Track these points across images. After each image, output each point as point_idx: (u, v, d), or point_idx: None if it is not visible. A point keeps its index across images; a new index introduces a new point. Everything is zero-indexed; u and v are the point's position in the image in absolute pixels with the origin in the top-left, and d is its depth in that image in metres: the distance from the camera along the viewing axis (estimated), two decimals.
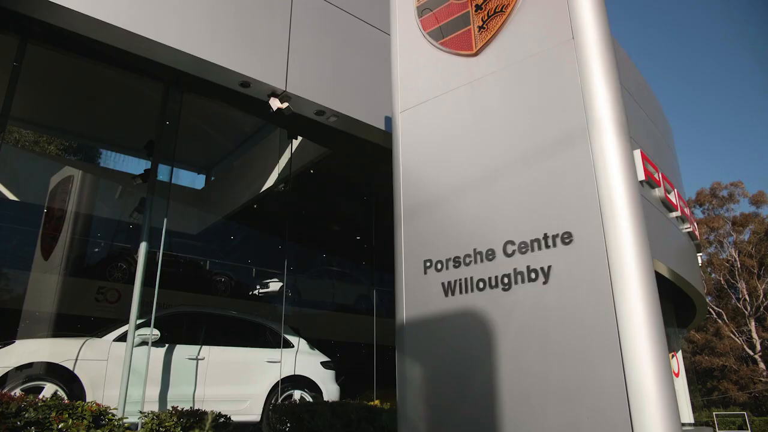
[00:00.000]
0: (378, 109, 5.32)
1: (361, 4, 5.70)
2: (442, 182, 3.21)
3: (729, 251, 27.73)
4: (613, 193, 2.58)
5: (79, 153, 10.90)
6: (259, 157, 8.91)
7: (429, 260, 3.13)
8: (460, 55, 3.31)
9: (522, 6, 3.11)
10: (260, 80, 4.59)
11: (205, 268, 10.96)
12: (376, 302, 10.01)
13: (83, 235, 8.81)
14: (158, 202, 5.64)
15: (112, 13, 3.93)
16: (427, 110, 3.41)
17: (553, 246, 2.69)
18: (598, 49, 2.82)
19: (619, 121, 2.74)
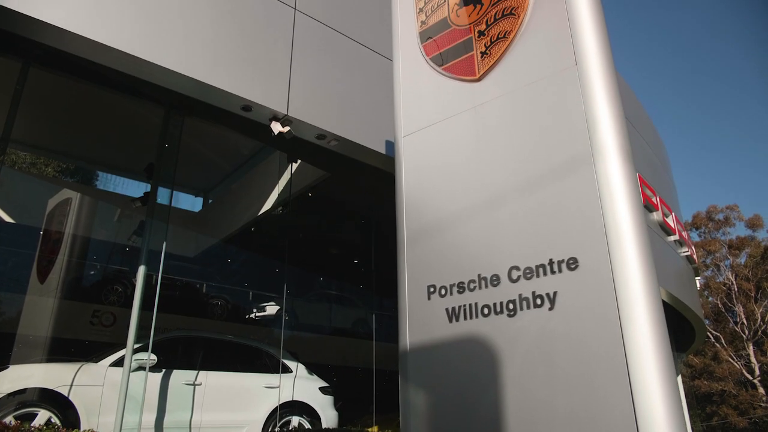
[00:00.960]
0: (379, 133, 5.34)
1: (363, 29, 5.76)
2: (445, 207, 3.20)
3: (726, 275, 27.72)
4: (619, 219, 2.57)
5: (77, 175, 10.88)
6: (257, 180, 8.91)
7: (433, 285, 3.10)
8: (463, 80, 3.33)
9: (525, 32, 3.13)
10: (262, 104, 4.60)
11: (202, 291, 10.88)
12: (375, 326, 9.93)
13: (80, 257, 8.75)
14: (157, 225, 5.61)
15: (116, 37, 3.95)
16: (430, 135, 3.41)
17: (558, 272, 2.67)
18: (601, 74, 2.84)
19: (623, 147, 2.74)
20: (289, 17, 5.14)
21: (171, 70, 4.18)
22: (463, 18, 3.44)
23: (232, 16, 4.77)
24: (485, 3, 3.35)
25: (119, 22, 4.02)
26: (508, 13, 3.22)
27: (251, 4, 4.95)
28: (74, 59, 4.18)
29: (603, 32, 2.97)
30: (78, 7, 3.89)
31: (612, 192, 2.62)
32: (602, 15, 3.01)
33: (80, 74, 5.51)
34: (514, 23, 3.17)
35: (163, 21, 4.30)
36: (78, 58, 4.16)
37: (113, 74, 4.41)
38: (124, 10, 4.10)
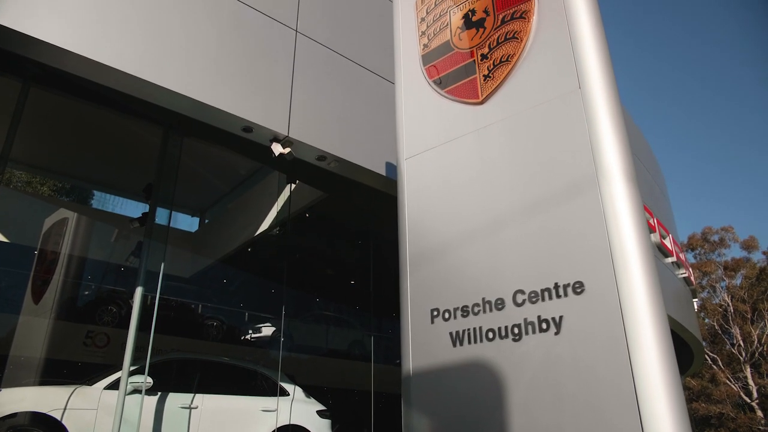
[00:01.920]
0: (379, 155, 5.35)
1: (364, 51, 5.80)
2: (448, 230, 3.18)
3: (722, 296, 27.73)
4: (625, 242, 2.55)
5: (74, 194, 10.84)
6: (254, 200, 8.89)
7: (436, 309, 3.06)
8: (465, 103, 3.34)
9: (528, 56, 3.15)
10: (263, 125, 4.60)
11: (197, 312, 10.79)
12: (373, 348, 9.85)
13: (76, 278, 8.68)
14: (155, 246, 5.56)
15: (118, 58, 3.95)
16: (433, 157, 3.41)
17: (564, 296, 2.64)
18: (604, 98, 2.85)
19: (628, 170, 2.74)
20: (291, 39, 5.17)
21: (172, 91, 4.18)
22: (466, 41, 3.46)
23: (233, 37, 4.79)
24: (488, 27, 3.37)
25: (121, 43, 4.03)
26: (511, 37, 3.24)
27: (253, 25, 4.98)
28: (75, 79, 4.18)
29: (606, 56, 2.99)
30: (80, 28, 3.90)
31: (617, 215, 2.61)
32: (605, 39, 3.03)
33: (80, 94, 5.50)
34: (516, 47, 3.19)
35: (166, 41, 4.31)
36: (78, 78, 4.16)
37: (113, 94, 4.41)
38: (126, 30, 4.11)
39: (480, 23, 3.42)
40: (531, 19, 3.18)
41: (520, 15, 3.24)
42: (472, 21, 3.47)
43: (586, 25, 3.03)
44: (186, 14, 4.54)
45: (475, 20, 3.45)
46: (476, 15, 3.46)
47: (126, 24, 4.13)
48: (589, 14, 3.06)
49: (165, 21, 4.38)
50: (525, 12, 3.22)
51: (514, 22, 3.25)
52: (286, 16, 5.23)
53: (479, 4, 3.47)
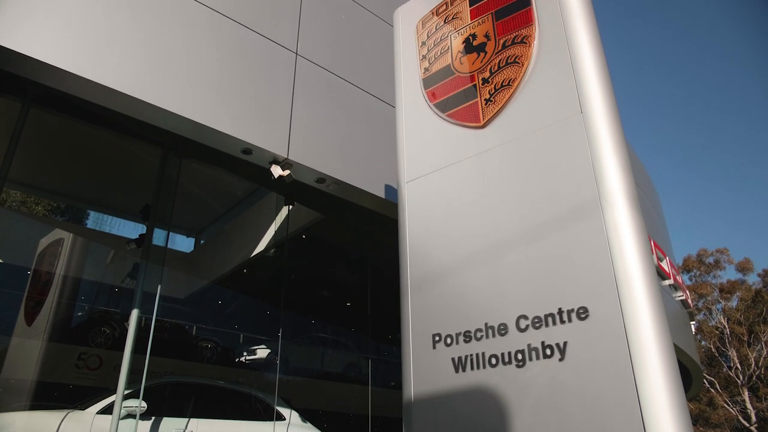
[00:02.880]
0: (378, 177, 5.34)
1: (363, 74, 5.83)
2: (450, 253, 3.16)
3: (718, 318, 27.70)
4: (629, 268, 2.54)
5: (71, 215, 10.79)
6: (250, 221, 8.85)
7: (438, 334, 3.03)
8: (467, 127, 3.34)
9: (529, 81, 3.16)
10: (263, 147, 4.60)
11: (192, 334, 10.67)
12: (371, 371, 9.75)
13: (70, 299, 8.58)
14: (152, 268, 5.51)
15: (119, 80, 3.95)
16: (434, 181, 3.40)
17: (568, 321, 2.62)
18: (606, 122, 2.85)
19: (631, 194, 2.74)
20: (291, 61, 5.19)
21: (173, 113, 4.17)
22: (467, 65, 3.48)
23: (234, 59, 4.81)
24: (489, 51, 3.39)
25: (123, 65, 4.03)
26: (512, 61, 3.25)
27: (253, 47, 5.00)
28: (75, 100, 4.18)
29: (607, 80, 3.00)
30: (82, 50, 3.90)
31: (621, 240, 2.60)
32: (605, 63, 3.05)
33: (79, 114, 5.50)
34: (518, 71, 3.21)
35: (167, 63, 4.32)
36: (78, 99, 4.16)
37: (112, 115, 4.40)
38: (128, 52, 4.11)
39: (481, 47, 3.44)
40: (532, 44, 3.21)
41: (521, 40, 3.26)
42: (473, 45, 3.49)
43: (586, 50, 3.05)
44: (187, 36, 4.56)
45: (476, 44, 3.48)
46: (477, 39, 3.49)
47: (128, 46, 4.14)
48: (590, 39, 3.09)
49: (167, 43, 4.39)
50: (526, 37, 3.25)
51: (515, 46, 3.27)
52: (286, 39, 5.26)
53: (480, 29, 3.50)
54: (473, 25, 3.55)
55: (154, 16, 4.40)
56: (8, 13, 3.69)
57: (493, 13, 3.46)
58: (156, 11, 4.43)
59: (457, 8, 3.71)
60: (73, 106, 4.76)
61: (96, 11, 4.07)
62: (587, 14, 3.16)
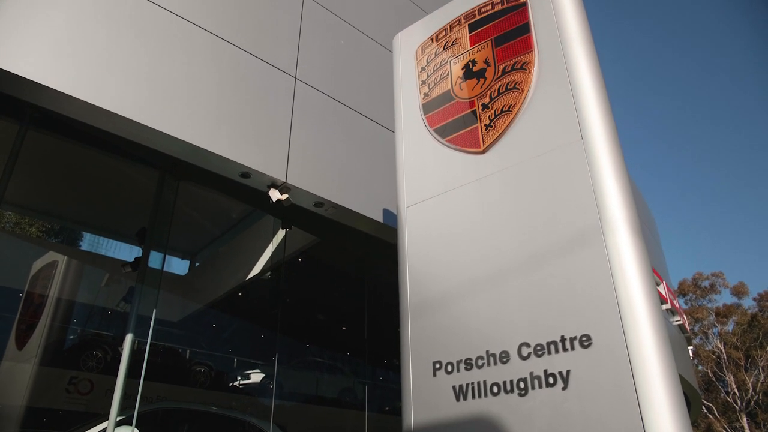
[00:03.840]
0: (376, 201, 5.33)
1: (362, 98, 5.85)
2: (451, 280, 3.13)
3: (715, 343, 27.62)
4: (632, 295, 2.52)
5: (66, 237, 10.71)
6: (246, 244, 8.81)
7: (438, 362, 2.98)
8: (467, 152, 3.34)
9: (529, 106, 3.17)
10: (261, 171, 4.58)
11: (185, 358, 10.53)
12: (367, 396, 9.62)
13: (63, 322, 8.47)
14: (147, 291, 5.45)
15: (119, 103, 3.95)
16: (434, 206, 3.39)
17: (571, 349, 2.58)
18: (607, 148, 2.86)
19: (633, 220, 2.73)
20: (290, 85, 5.21)
21: (172, 136, 4.16)
22: (467, 91, 3.49)
23: (233, 83, 4.82)
24: (489, 77, 3.41)
25: (123, 88, 4.03)
26: (512, 87, 3.27)
27: (253, 71, 5.02)
28: (73, 123, 4.17)
29: (607, 106, 3.01)
30: (82, 73, 3.90)
31: (623, 266, 2.58)
32: (605, 90, 3.07)
33: (77, 137, 5.49)
34: (518, 97, 3.22)
35: (167, 87, 4.33)
36: (76, 122, 4.14)
37: (109, 137, 4.39)
38: (128, 76, 4.12)
39: (481, 73, 3.46)
40: (532, 70, 3.22)
41: (521, 66, 3.28)
42: (472, 71, 3.51)
43: (586, 76, 3.06)
44: (187, 60, 4.57)
45: (475, 70, 3.49)
46: (477, 65, 3.51)
47: (128, 69, 4.14)
48: (589, 65, 3.11)
49: (167, 66, 4.40)
50: (526, 63, 3.27)
51: (515, 72, 3.29)
52: (285, 63, 5.29)
53: (480, 55, 3.52)
54: (473, 51, 3.58)
55: (155, 39, 4.42)
56: (8, 35, 3.70)
57: (493, 40, 3.49)
58: (157, 35, 4.45)
59: (457, 34, 3.74)
60: (70, 128, 4.75)
61: (97, 34, 4.08)
62: (586, 41, 3.19)
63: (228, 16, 5.06)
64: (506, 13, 3.49)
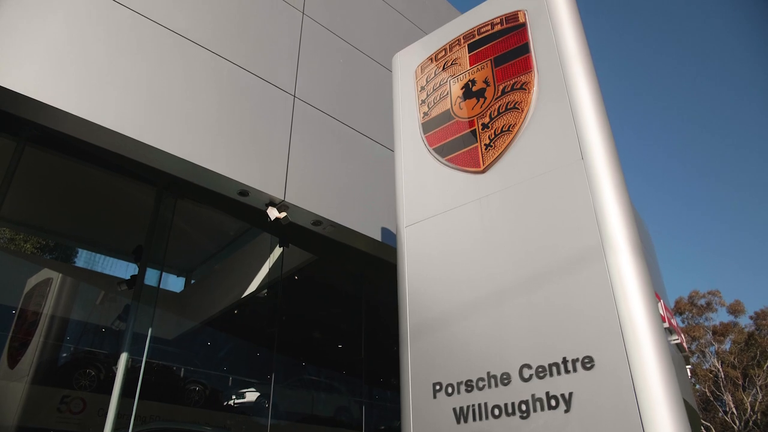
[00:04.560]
0: (375, 220, 5.32)
1: (361, 117, 5.87)
2: (451, 300, 3.11)
3: (712, 361, 27.51)
4: (634, 316, 2.50)
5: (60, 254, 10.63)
6: (242, 262, 8.76)
7: (439, 383, 2.95)
8: (467, 171, 3.33)
9: (529, 126, 3.17)
10: (259, 189, 4.57)
11: (179, 376, 10.41)
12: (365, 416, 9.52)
13: (57, 340, 8.37)
14: (143, 309, 5.40)
15: (118, 121, 3.94)
16: (434, 225, 3.37)
17: (573, 371, 2.56)
18: (607, 169, 2.86)
19: (634, 240, 2.72)
20: (289, 103, 5.22)
21: (170, 154, 4.15)
22: (466, 111, 3.50)
23: (232, 101, 4.83)
24: (488, 97, 3.41)
25: (122, 106, 4.03)
26: (512, 107, 3.28)
27: (252, 89, 5.03)
28: (71, 140, 4.15)
29: (606, 126, 3.02)
30: (81, 91, 3.89)
31: (625, 287, 2.56)
32: (604, 110, 3.07)
33: (75, 154, 5.48)
34: (518, 117, 3.22)
35: (166, 105, 4.32)
36: (74, 139, 4.13)
37: (107, 154, 4.37)
38: (127, 94, 4.11)
39: (480, 93, 3.46)
40: (531, 90, 3.23)
41: (521, 86, 3.29)
42: (472, 91, 3.52)
43: (586, 96, 3.07)
44: (186, 78, 4.58)
45: (475, 90, 3.50)
46: (476, 85, 3.52)
47: (127, 87, 4.14)
48: (589, 86, 3.12)
49: (166, 84, 4.40)
50: (525, 83, 3.28)
51: (515, 92, 3.30)
52: (284, 82, 5.30)
53: (479, 75, 3.54)
54: (472, 71, 3.59)
55: (155, 57, 4.43)
56: (7, 52, 3.69)
57: (492, 60, 3.50)
58: (156, 53, 4.46)
59: (456, 54, 3.76)
60: (68, 145, 4.74)
61: (96, 52, 4.09)
62: (585, 61, 3.20)
63: (227, 34, 5.08)
64: (506, 34, 3.51)
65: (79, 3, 4.15)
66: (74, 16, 4.09)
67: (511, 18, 3.53)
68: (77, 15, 4.10)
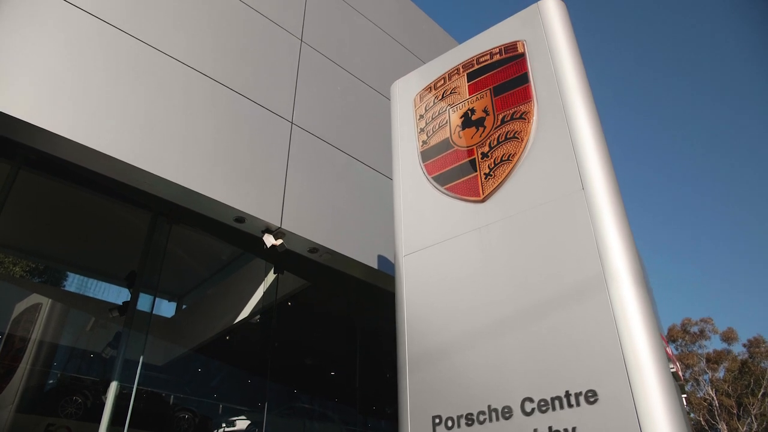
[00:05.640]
0: (372, 248, 5.28)
1: (358, 144, 5.87)
2: (451, 330, 3.06)
3: (706, 390, 27.37)
4: (638, 349, 2.46)
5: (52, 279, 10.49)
6: (235, 287, 8.67)
7: (438, 416, 2.89)
8: (467, 200, 3.32)
9: (529, 156, 3.17)
10: (256, 216, 4.53)
11: (168, 403, 10.21)
12: None
13: (45, 367, 8.20)
14: (135, 336, 5.31)
15: (115, 146, 3.91)
16: (434, 255, 3.34)
17: (576, 405, 2.51)
18: (608, 199, 2.85)
19: (636, 271, 2.70)
20: (286, 130, 5.21)
21: (167, 180, 4.12)
22: (466, 139, 3.50)
23: (230, 127, 4.82)
24: (488, 126, 3.42)
25: (120, 131, 4.01)
26: (512, 136, 3.28)
27: (249, 116, 5.02)
28: (66, 164, 4.11)
29: (606, 157, 3.02)
30: (78, 116, 3.87)
31: (628, 320, 2.53)
32: (604, 140, 3.08)
33: (69, 177, 5.43)
34: (517, 146, 3.22)
35: (163, 131, 4.31)
36: (69, 163, 4.09)
37: (102, 179, 4.33)
38: (125, 119, 4.10)
39: (480, 122, 3.47)
40: (531, 120, 3.24)
41: (520, 116, 3.30)
42: (471, 120, 3.52)
43: (585, 126, 3.08)
44: (184, 104, 4.57)
45: (474, 119, 3.51)
46: (476, 114, 3.52)
47: (125, 112, 4.12)
48: (588, 116, 3.12)
49: (163, 110, 4.39)
50: (525, 113, 3.28)
51: (515, 122, 3.30)
52: (282, 108, 5.31)
53: (479, 104, 3.54)
54: (472, 100, 3.60)
55: (153, 83, 4.42)
56: (3, 76, 3.68)
57: (492, 89, 3.52)
58: (154, 78, 4.45)
59: (455, 83, 3.77)
60: (63, 169, 4.69)
61: (94, 77, 4.08)
62: (584, 91, 3.21)
63: (226, 60, 5.09)
64: (505, 64, 3.53)
65: (79, 28, 4.15)
66: (73, 41, 4.09)
67: (510, 48, 3.55)
68: (77, 40, 4.11)
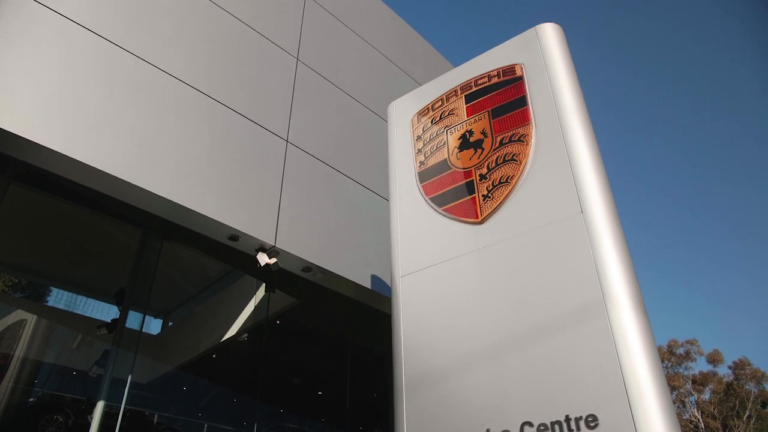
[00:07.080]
0: (366, 268, 5.25)
1: (354, 163, 5.86)
2: (448, 353, 3.03)
3: (692, 411, 27.40)
4: (638, 373, 2.45)
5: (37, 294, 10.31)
6: (224, 304, 8.58)
7: None
8: (464, 222, 3.31)
9: (527, 178, 3.18)
10: (250, 234, 4.49)
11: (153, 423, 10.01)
12: None
13: (28, 385, 8.02)
14: (123, 354, 5.21)
15: (108, 161, 3.88)
16: (431, 276, 3.32)
17: (576, 430, 2.49)
18: (607, 222, 2.86)
19: (635, 295, 2.70)
20: (281, 148, 5.20)
21: (161, 197, 4.08)
22: (464, 161, 3.50)
23: (224, 145, 4.80)
24: (486, 148, 3.43)
25: (113, 147, 3.97)
26: (510, 159, 3.29)
27: (244, 134, 5.01)
28: (58, 179, 4.06)
29: (605, 180, 3.03)
30: (72, 131, 3.83)
31: (628, 344, 2.53)
32: (602, 163, 3.10)
33: (60, 193, 5.36)
34: (516, 169, 3.23)
35: (157, 147, 4.28)
36: (62, 178, 4.05)
37: (94, 194, 4.29)
38: (119, 135, 4.06)
39: (478, 144, 3.48)
40: (530, 142, 3.26)
41: (519, 138, 3.31)
42: (469, 141, 3.54)
43: (584, 149, 3.10)
44: (179, 120, 4.55)
45: (473, 141, 3.52)
46: (474, 136, 3.54)
47: (119, 128, 4.09)
48: (586, 139, 3.14)
49: (158, 126, 4.37)
50: (523, 136, 3.30)
51: (513, 144, 3.32)
52: (277, 126, 5.30)
53: (477, 126, 3.56)
54: (470, 122, 3.62)
55: (147, 98, 4.40)
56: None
57: (490, 111, 3.54)
58: (149, 94, 4.43)
59: (453, 105, 3.79)
60: (54, 184, 4.64)
61: (88, 92, 4.05)
62: (582, 114, 3.24)
63: (221, 77, 5.09)
64: (503, 86, 3.56)
65: (73, 42, 4.13)
66: (68, 55, 4.06)
67: (508, 71, 3.58)
68: (71, 53, 4.08)
